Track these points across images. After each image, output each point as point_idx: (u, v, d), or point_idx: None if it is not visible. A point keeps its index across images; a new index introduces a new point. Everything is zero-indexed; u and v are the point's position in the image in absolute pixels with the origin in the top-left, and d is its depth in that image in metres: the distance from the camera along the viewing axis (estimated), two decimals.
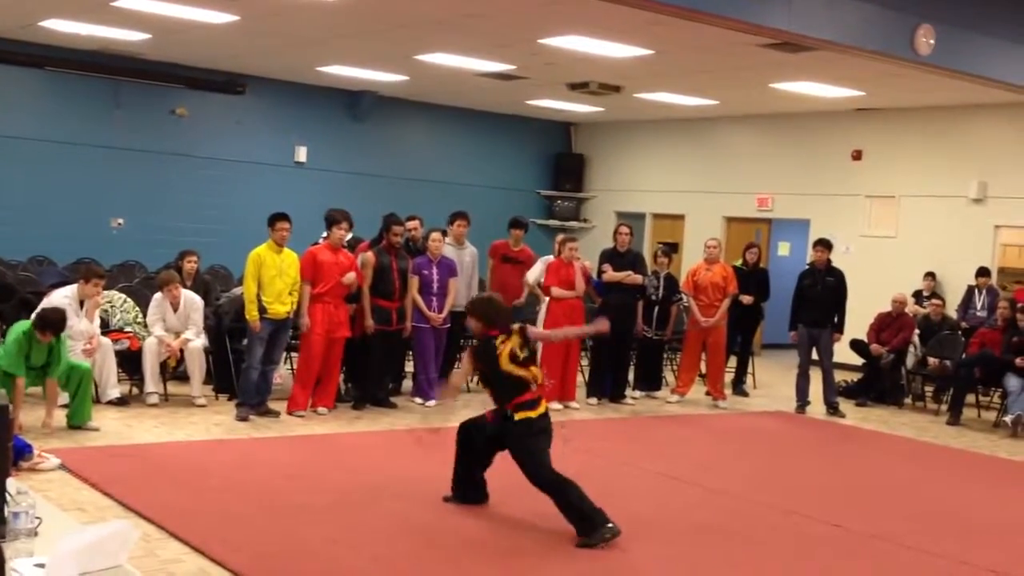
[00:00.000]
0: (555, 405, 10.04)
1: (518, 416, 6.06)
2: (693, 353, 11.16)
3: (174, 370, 9.39)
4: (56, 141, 13.73)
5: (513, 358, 6.05)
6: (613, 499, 6.89)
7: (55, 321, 7.55)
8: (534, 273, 10.92)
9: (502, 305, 6.39)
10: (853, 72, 11.42)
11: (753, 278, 11.83)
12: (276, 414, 8.83)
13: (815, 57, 10.43)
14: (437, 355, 9.96)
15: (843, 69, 11.23)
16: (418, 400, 9.88)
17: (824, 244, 10.96)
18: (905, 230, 14.31)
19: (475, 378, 6.47)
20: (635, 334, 10.86)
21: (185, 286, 9.50)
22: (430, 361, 9.89)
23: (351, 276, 9.05)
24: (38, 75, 13.59)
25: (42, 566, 2.80)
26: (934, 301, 12.52)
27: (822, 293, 10.79)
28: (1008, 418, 10.41)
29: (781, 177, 15.72)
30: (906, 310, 12.04)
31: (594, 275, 10.90)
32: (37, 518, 3.13)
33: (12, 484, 3.14)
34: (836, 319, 10.79)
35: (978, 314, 12.52)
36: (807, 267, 11.34)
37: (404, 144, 16.93)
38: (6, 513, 3.06)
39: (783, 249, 16.55)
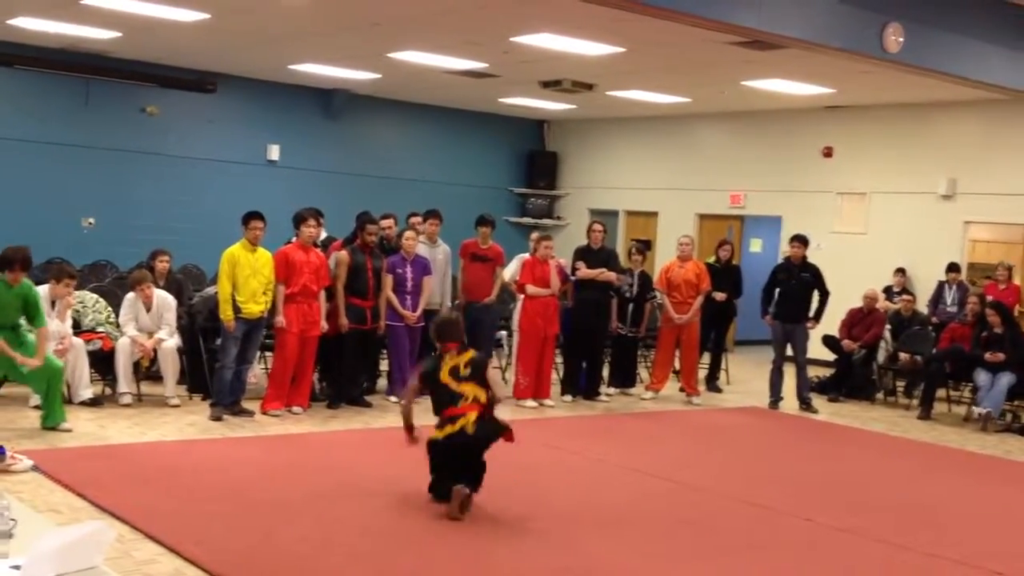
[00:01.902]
0: (530, 402, 10.09)
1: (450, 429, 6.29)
2: (667, 350, 11.22)
3: (147, 370, 9.34)
4: (25, 140, 13.61)
5: (453, 372, 6.37)
6: (587, 495, 6.95)
7: (14, 253, 7.49)
8: (509, 271, 10.95)
9: (454, 324, 6.72)
10: (823, 70, 11.51)
11: (726, 275, 11.90)
12: (250, 413, 8.81)
13: (785, 55, 10.49)
14: (412, 353, 9.96)
15: (813, 67, 11.31)
16: (393, 398, 9.86)
17: (800, 240, 11.04)
18: (875, 226, 14.43)
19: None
20: (610, 331, 10.90)
21: (158, 285, 9.45)
22: (405, 359, 9.89)
23: (324, 326, 9.14)
24: (6, 73, 13.46)
25: (18, 568, 2.78)
26: (905, 297, 12.64)
27: (796, 288, 10.87)
28: (979, 410, 10.51)
29: (753, 174, 15.81)
30: (877, 306, 12.15)
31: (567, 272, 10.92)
32: (12, 520, 3.11)
33: None
34: (816, 310, 10.85)
35: (948, 309, 12.64)
36: (782, 261, 11.42)
37: (377, 142, 16.91)
38: None
39: (755, 246, 16.65)
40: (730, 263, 12.17)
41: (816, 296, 10.91)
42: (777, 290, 11.03)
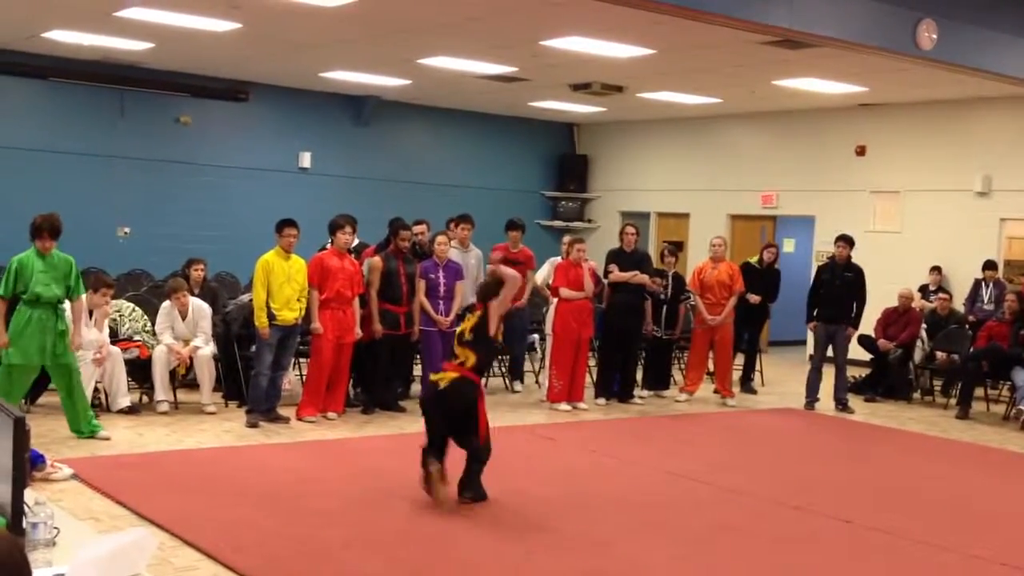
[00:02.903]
0: (563, 406, 10.07)
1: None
2: (700, 351, 11.18)
3: (183, 378, 9.42)
4: (61, 151, 13.77)
5: (460, 335, 6.71)
6: (622, 497, 6.93)
7: (42, 221, 7.56)
8: (541, 274, 10.95)
9: (486, 285, 6.94)
10: (855, 68, 11.43)
11: (765, 277, 11.83)
12: (286, 420, 8.85)
13: (817, 54, 10.44)
14: (445, 358, 9.97)
15: (845, 65, 11.23)
16: None
17: (846, 240, 10.96)
18: (910, 225, 14.30)
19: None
20: (645, 334, 10.88)
21: (193, 294, 9.53)
22: (438, 364, 9.86)
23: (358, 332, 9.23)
24: (42, 86, 13.64)
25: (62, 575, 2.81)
26: (941, 296, 12.50)
27: (839, 288, 10.80)
28: (1021, 407, 10.39)
29: (785, 174, 15.72)
30: (913, 305, 12.04)
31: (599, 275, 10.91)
32: (55, 528, 3.15)
33: (30, 495, 3.16)
34: (853, 314, 10.79)
35: (985, 307, 12.50)
36: (827, 261, 11.36)
37: (408, 148, 16.96)
38: (25, 524, 3.08)
39: (788, 246, 16.53)
40: (772, 266, 12.07)
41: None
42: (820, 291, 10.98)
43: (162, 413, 8.95)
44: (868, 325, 11.79)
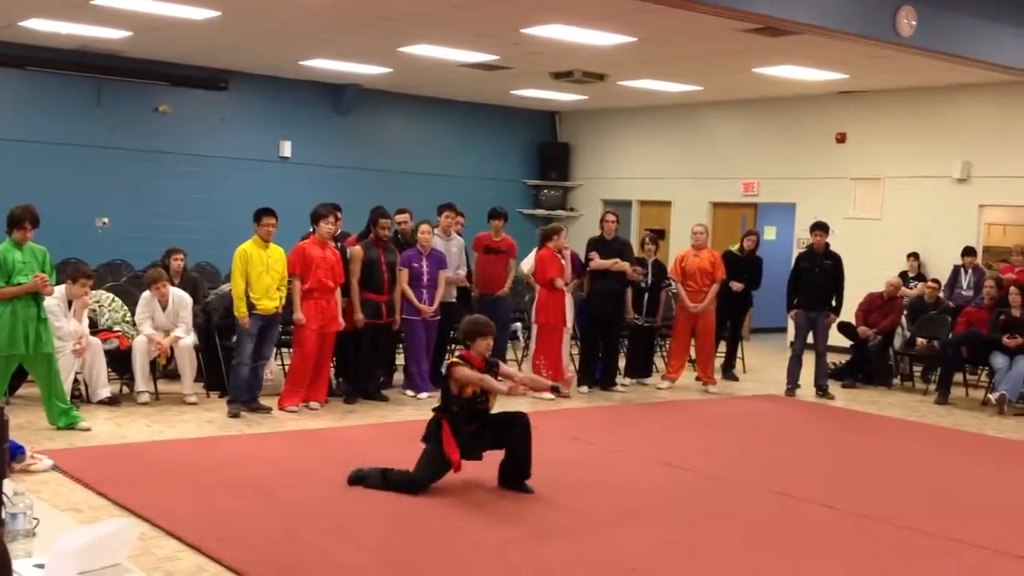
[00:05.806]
0: (546, 395, 10.07)
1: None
2: (682, 339, 11.20)
3: (164, 368, 9.38)
4: (38, 141, 13.66)
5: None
6: (607, 485, 6.95)
7: (22, 212, 7.59)
8: (527, 263, 10.92)
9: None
10: (836, 55, 11.45)
11: (747, 265, 11.86)
12: (268, 410, 8.83)
13: (797, 41, 10.45)
14: (428, 347, 9.99)
15: (826, 52, 11.26)
16: (409, 392, 9.89)
17: (821, 228, 11.02)
18: (890, 212, 14.36)
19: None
20: (627, 322, 10.89)
21: (173, 284, 9.48)
22: (421, 353, 9.91)
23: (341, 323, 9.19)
24: (19, 75, 13.51)
25: (41, 566, 2.80)
26: (930, 284, 12.56)
27: (819, 276, 10.86)
28: (993, 396, 10.49)
29: (766, 162, 15.76)
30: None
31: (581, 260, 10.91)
32: (35, 519, 3.13)
33: (9, 486, 3.14)
34: (834, 301, 10.85)
35: (964, 293, 12.58)
36: (805, 250, 11.41)
37: (389, 137, 16.90)
38: (4, 515, 3.06)
39: (769, 233, 16.57)
40: (753, 254, 12.10)
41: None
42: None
43: (143, 404, 8.91)
44: (848, 312, 11.85)
